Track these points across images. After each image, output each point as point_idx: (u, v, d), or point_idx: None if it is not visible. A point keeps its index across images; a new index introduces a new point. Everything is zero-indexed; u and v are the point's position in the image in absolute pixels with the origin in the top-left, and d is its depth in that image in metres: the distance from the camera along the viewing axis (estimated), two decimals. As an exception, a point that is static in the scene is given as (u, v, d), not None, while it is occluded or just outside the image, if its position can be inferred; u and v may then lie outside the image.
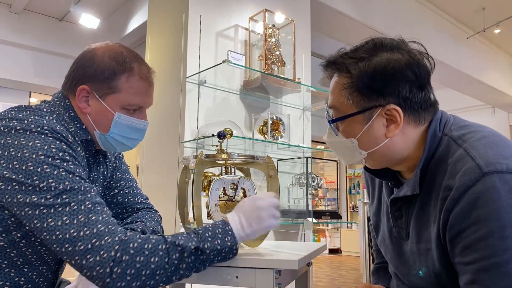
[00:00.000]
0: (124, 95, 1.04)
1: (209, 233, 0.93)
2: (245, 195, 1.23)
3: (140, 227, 1.13)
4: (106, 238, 0.83)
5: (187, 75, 2.55)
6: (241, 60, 2.58)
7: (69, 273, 1.19)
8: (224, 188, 1.20)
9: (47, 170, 0.86)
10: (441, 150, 0.88)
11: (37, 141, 0.89)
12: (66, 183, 0.87)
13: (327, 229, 9.14)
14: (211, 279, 1.01)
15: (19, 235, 0.94)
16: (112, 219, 0.89)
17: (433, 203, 0.87)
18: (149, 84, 1.09)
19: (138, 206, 1.25)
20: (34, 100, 6.17)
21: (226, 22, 2.84)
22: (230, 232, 0.95)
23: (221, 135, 1.24)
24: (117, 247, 0.83)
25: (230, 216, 0.99)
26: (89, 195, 0.88)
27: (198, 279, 1.03)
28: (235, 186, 1.21)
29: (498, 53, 6.72)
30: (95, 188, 0.93)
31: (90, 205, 0.87)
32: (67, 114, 1.04)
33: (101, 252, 0.82)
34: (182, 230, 1.28)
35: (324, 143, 1.08)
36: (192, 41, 2.62)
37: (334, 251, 8.83)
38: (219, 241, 0.93)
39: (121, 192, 1.24)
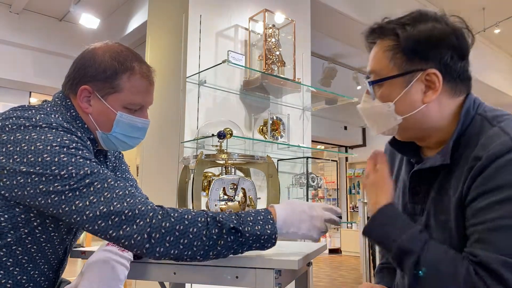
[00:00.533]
0: (126, 94, 1.04)
1: (251, 217, 0.93)
2: (245, 195, 1.23)
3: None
4: (139, 207, 0.86)
5: (187, 75, 2.56)
6: (241, 60, 2.58)
7: (69, 273, 1.20)
8: (224, 188, 1.20)
9: (65, 159, 0.87)
10: (473, 127, 0.91)
11: (49, 135, 0.90)
12: (86, 168, 0.88)
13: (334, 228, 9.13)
14: (211, 279, 1.01)
15: (26, 231, 0.94)
16: (139, 195, 0.90)
17: (456, 175, 0.89)
18: (150, 83, 1.10)
19: None
20: (34, 100, 6.17)
21: (226, 22, 2.84)
22: (271, 221, 0.94)
23: (221, 135, 1.24)
24: (156, 214, 0.85)
25: (278, 209, 0.98)
26: (109, 175, 0.90)
27: (198, 279, 1.03)
28: (235, 186, 1.21)
29: (498, 53, 6.72)
30: (112, 174, 0.94)
31: (113, 182, 0.89)
32: (68, 114, 1.04)
33: (138, 220, 0.84)
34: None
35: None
36: (192, 41, 2.62)
37: (334, 251, 8.83)
38: (259, 227, 0.92)
39: None
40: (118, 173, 1.25)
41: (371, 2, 4.34)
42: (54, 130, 0.91)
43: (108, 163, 1.19)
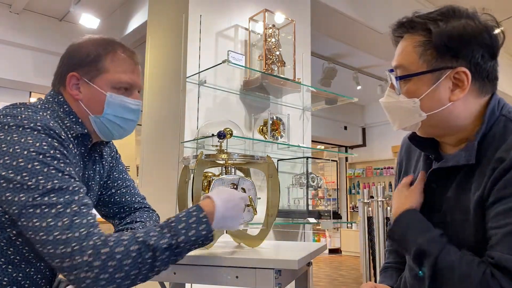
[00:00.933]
0: (112, 74, 1.06)
1: (183, 224, 0.92)
2: (245, 195, 1.23)
3: (140, 227, 1.13)
4: (83, 243, 0.83)
5: (187, 75, 2.55)
6: (241, 60, 2.58)
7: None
8: (224, 188, 1.20)
9: (38, 167, 0.86)
10: (497, 127, 0.91)
11: (29, 138, 0.89)
12: (55, 181, 0.87)
13: (327, 229, 9.14)
14: (211, 279, 1.01)
15: (14, 232, 0.94)
16: (95, 222, 0.88)
17: (478, 174, 0.89)
18: (134, 63, 1.11)
19: (136, 206, 1.25)
20: (34, 100, 6.16)
21: (226, 22, 2.84)
22: (204, 220, 0.94)
23: (221, 135, 1.24)
24: (90, 251, 0.82)
25: (208, 201, 0.99)
26: (76, 197, 0.88)
27: (198, 279, 1.03)
28: (235, 186, 1.21)
29: (498, 53, 6.72)
30: (84, 188, 0.92)
31: (75, 208, 0.86)
32: (61, 110, 1.05)
33: (77, 257, 0.82)
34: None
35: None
36: (192, 41, 2.62)
37: (334, 251, 8.83)
38: (194, 231, 0.92)
39: (118, 191, 1.24)
40: (115, 173, 1.25)
41: (371, 2, 4.34)
42: (35, 133, 0.90)
43: (104, 162, 1.19)
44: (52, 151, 0.90)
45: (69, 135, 1.02)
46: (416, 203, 0.97)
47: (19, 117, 0.92)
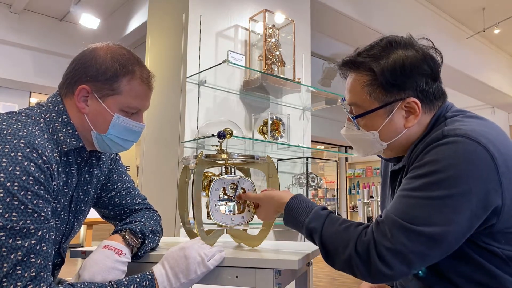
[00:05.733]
0: (124, 97, 1.03)
1: None
2: (245, 195, 1.23)
3: (139, 227, 1.12)
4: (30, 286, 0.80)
5: (187, 75, 2.56)
6: (241, 60, 2.58)
7: (69, 273, 1.19)
8: (224, 188, 1.20)
9: (1, 195, 0.81)
10: (434, 129, 0.97)
11: (4, 160, 0.84)
12: (14, 214, 0.81)
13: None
14: (211, 279, 1.01)
15: None
16: (41, 273, 0.83)
17: (405, 171, 0.99)
18: (149, 88, 1.09)
19: (136, 207, 1.25)
20: (34, 100, 6.17)
21: (226, 22, 2.84)
22: None
23: (221, 135, 1.24)
24: None
25: (157, 270, 0.96)
26: (26, 243, 0.82)
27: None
28: (235, 186, 1.21)
29: (498, 53, 6.72)
30: (49, 224, 0.87)
31: (20, 256, 0.81)
32: (60, 120, 1.02)
33: None
34: (182, 230, 1.27)
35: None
36: (192, 41, 2.62)
37: (334, 251, 8.82)
38: None
39: (119, 194, 1.23)
40: (114, 175, 1.24)
41: (371, 2, 4.34)
42: (13, 155, 0.85)
43: (102, 165, 1.18)
44: (24, 178, 0.84)
45: (58, 152, 0.98)
46: (290, 194, 1.08)
47: (4, 132, 0.88)
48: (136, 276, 0.94)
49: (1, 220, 0.80)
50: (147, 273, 0.96)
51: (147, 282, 0.94)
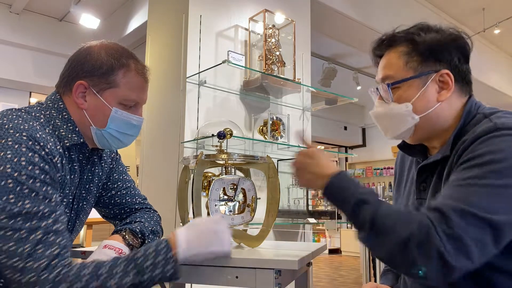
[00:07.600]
0: (121, 90, 1.04)
1: (149, 262, 0.89)
2: (245, 195, 1.23)
3: (138, 227, 1.12)
4: (42, 276, 0.81)
5: (187, 75, 2.55)
6: (241, 60, 2.58)
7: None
8: (224, 188, 1.20)
9: (10, 185, 0.84)
10: (472, 123, 0.97)
11: (8, 152, 0.86)
12: (26, 202, 0.84)
13: (327, 229, 9.14)
14: (211, 279, 1.01)
15: None
16: (61, 251, 0.86)
17: (450, 163, 0.95)
18: (145, 80, 1.10)
19: (136, 207, 1.25)
20: (34, 100, 6.16)
21: (226, 22, 2.84)
22: (171, 260, 0.90)
23: (221, 135, 1.24)
24: (47, 286, 0.81)
25: (180, 237, 0.94)
26: (43, 223, 0.85)
27: (198, 279, 1.03)
28: (235, 186, 1.21)
29: (498, 53, 6.72)
30: (60, 210, 0.89)
31: (40, 235, 0.84)
32: (60, 117, 1.03)
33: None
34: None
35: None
36: (192, 41, 2.62)
37: (334, 251, 8.82)
38: (159, 270, 0.89)
39: (119, 193, 1.24)
40: (115, 174, 1.24)
41: (371, 2, 4.34)
42: (16, 146, 0.87)
43: (103, 164, 1.19)
44: (30, 167, 0.87)
45: (60, 146, 0.99)
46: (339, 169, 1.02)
47: (6, 126, 0.90)
48: (153, 246, 0.93)
49: (16, 208, 0.83)
50: (162, 239, 0.95)
51: (163, 251, 0.91)
